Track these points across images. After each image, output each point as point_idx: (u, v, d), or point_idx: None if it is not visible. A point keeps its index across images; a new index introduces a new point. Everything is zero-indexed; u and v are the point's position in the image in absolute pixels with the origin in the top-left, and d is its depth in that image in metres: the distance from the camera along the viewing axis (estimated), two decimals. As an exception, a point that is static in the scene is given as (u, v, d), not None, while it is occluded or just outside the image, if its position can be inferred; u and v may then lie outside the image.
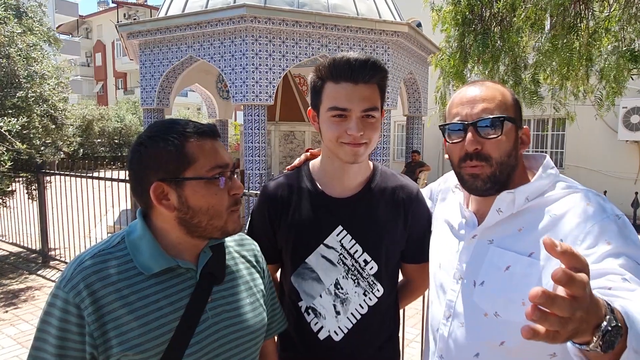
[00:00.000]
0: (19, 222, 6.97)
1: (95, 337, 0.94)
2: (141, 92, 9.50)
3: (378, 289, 1.37)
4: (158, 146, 1.00)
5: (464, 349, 1.17)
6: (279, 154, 9.97)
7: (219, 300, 1.10)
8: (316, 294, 1.36)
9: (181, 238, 1.06)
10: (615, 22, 3.42)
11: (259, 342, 1.19)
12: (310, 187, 1.39)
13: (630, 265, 0.91)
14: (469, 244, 1.21)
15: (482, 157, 1.13)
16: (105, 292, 0.96)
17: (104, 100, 37.54)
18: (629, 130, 10.88)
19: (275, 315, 1.32)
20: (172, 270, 1.04)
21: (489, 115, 1.12)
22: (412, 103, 11.32)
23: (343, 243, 1.34)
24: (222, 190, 1.04)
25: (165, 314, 1.00)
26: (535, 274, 1.05)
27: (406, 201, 1.40)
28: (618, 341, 0.65)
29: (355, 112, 1.23)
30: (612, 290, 0.84)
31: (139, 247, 1.03)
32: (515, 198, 1.12)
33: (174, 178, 1.00)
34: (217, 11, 8.02)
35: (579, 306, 0.58)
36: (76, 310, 0.94)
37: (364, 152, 1.27)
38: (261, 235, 1.42)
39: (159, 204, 1.01)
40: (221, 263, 1.14)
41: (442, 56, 4.04)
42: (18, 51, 5.97)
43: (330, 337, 1.36)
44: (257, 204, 1.45)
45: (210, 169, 1.02)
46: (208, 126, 1.07)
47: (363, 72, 1.22)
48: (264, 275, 1.27)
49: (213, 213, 1.03)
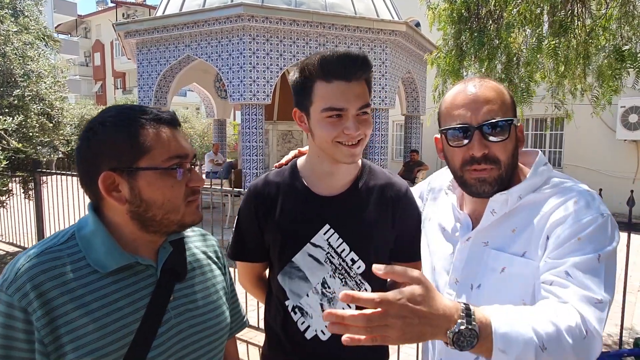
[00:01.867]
0: (16, 222, 6.95)
1: (46, 343, 0.84)
2: (139, 91, 9.49)
3: (366, 289, 1.35)
4: (109, 133, 0.92)
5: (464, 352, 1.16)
6: (277, 153, 9.95)
7: (181, 298, 1.03)
8: (303, 293, 1.34)
9: (135, 233, 0.98)
10: (612, 21, 3.41)
11: (224, 341, 1.14)
12: (297, 185, 1.37)
13: (586, 263, 0.96)
14: (463, 246, 1.19)
15: (490, 160, 1.10)
16: (56, 293, 0.86)
17: (102, 100, 37.50)
18: (627, 130, 10.89)
19: (236, 313, 1.26)
20: (130, 267, 0.96)
21: (494, 118, 1.09)
22: (410, 102, 11.30)
23: (330, 242, 1.33)
24: (180, 182, 0.96)
25: (125, 315, 0.92)
26: (530, 274, 1.05)
27: (394, 199, 1.38)
28: (475, 342, 0.78)
29: (352, 111, 1.20)
30: (552, 285, 0.96)
31: (92, 244, 0.94)
32: (509, 198, 1.11)
33: (127, 168, 0.92)
34: (215, 10, 8.01)
35: (385, 317, 0.72)
36: (22, 314, 0.84)
37: (360, 151, 1.26)
38: (249, 233, 1.41)
39: (108, 195, 0.93)
40: (182, 259, 1.07)
41: (439, 54, 4.03)
42: (14, 50, 5.95)
43: (317, 337, 1.34)
44: (244, 201, 1.43)
45: (167, 159, 0.94)
46: (167, 113, 0.99)
47: (355, 69, 1.20)
48: (225, 272, 1.21)
49: (169, 207, 0.95)
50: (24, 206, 6.72)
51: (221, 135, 13.73)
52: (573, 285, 0.94)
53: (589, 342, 0.88)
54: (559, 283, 0.95)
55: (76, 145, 0.98)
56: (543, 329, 0.84)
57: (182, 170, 0.96)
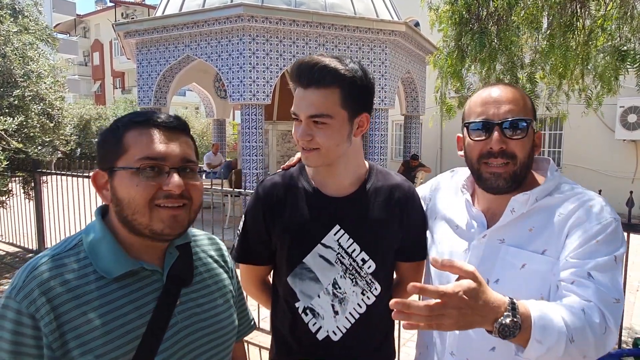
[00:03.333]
0: (16, 222, 6.94)
1: (54, 348, 0.86)
2: (138, 91, 9.48)
3: (376, 288, 1.36)
4: (105, 135, 0.99)
5: (479, 344, 1.20)
6: (277, 153, 9.97)
7: (187, 303, 1.04)
8: (314, 294, 1.35)
9: (129, 237, 0.98)
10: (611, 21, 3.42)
11: (231, 345, 1.14)
12: (306, 186, 1.38)
13: (605, 265, 1.06)
14: (479, 243, 1.24)
15: (507, 155, 1.17)
16: (63, 299, 0.89)
17: (101, 99, 37.45)
18: (626, 130, 10.91)
19: (243, 317, 1.28)
20: (136, 273, 0.97)
21: (515, 117, 1.17)
22: (409, 102, 11.32)
23: (341, 242, 1.34)
24: (145, 183, 0.93)
25: (131, 320, 0.93)
26: (549, 271, 1.12)
27: (402, 200, 1.40)
28: (517, 333, 0.89)
29: (303, 118, 1.24)
30: (573, 284, 1.05)
31: (99, 250, 0.96)
32: (530, 199, 1.18)
33: (108, 167, 0.96)
34: (214, 10, 8.01)
35: (444, 307, 0.83)
36: (31, 321, 0.86)
37: (317, 157, 1.27)
38: (255, 235, 1.41)
39: (99, 192, 0.99)
40: (188, 264, 1.08)
41: (440, 55, 4.04)
42: (14, 50, 5.95)
43: (329, 337, 1.35)
44: (251, 204, 1.43)
45: (138, 159, 0.93)
46: (160, 116, 0.99)
47: (309, 76, 1.21)
48: (232, 276, 1.22)
49: (134, 207, 0.93)
50: (24, 206, 6.72)
51: (221, 135, 13.73)
52: (594, 285, 1.03)
53: (607, 337, 0.99)
54: (581, 283, 1.04)
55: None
56: (572, 322, 0.95)
57: (152, 172, 0.94)
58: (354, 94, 1.25)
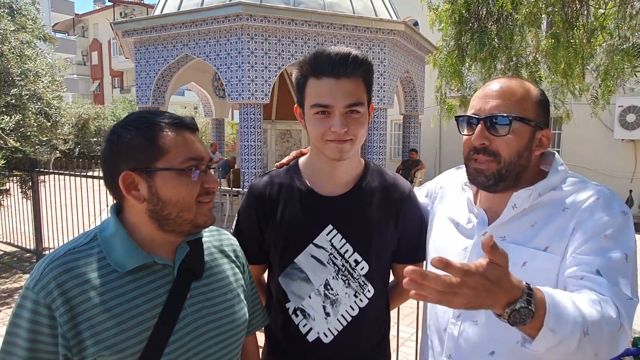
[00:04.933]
0: (13, 221, 6.92)
1: (69, 338, 0.91)
2: (137, 90, 9.46)
3: (369, 290, 1.33)
4: (130, 135, 0.99)
5: (477, 348, 1.16)
6: (275, 152, 9.95)
7: (198, 296, 1.07)
8: (305, 294, 1.32)
9: (154, 233, 1.04)
10: (611, 20, 3.41)
11: (241, 338, 1.16)
12: (299, 185, 1.35)
13: (615, 262, 1.01)
14: (480, 240, 1.19)
15: (489, 153, 1.14)
16: (77, 291, 0.93)
17: (100, 99, 37.39)
18: (625, 129, 10.93)
19: (256, 310, 1.29)
20: (147, 267, 1.02)
21: (500, 113, 1.12)
22: (408, 102, 11.31)
23: (333, 242, 1.31)
24: (195, 182, 1.02)
25: (142, 311, 0.97)
26: (553, 268, 1.08)
27: (398, 200, 1.37)
28: (528, 321, 0.83)
29: (339, 108, 1.19)
30: (582, 280, 1.00)
31: (113, 245, 1.00)
32: (532, 194, 1.14)
33: (145, 168, 0.98)
34: (213, 9, 7.99)
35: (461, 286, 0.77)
36: (47, 311, 0.91)
37: (350, 148, 1.24)
38: (248, 235, 1.39)
39: (127, 193, 0.99)
40: (199, 258, 1.11)
41: (440, 55, 4.03)
42: (11, 49, 5.93)
43: (320, 339, 1.33)
44: (245, 203, 1.41)
45: (183, 160, 1.00)
46: (185, 118, 1.05)
47: (344, 66, 1.19)
48: (244, 270, 1.24)
49: (182, 205, 1.01)
50: (22, 206, 6.70)
51: (219, 134, 13.72)
52: (606, 281, 0.98)
53: (620, 336, 0.94)
54: (591, 279, 0.99)
55: (101, 148, 1.06)
56: (590, 313, 0.90)
57: (198, 171, 1.02)
58: (371, 83, 1.28)
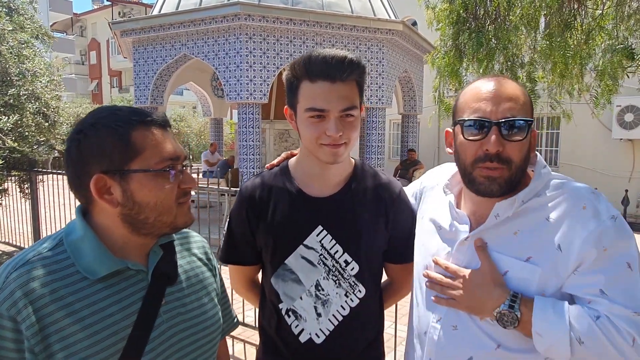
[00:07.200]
0: (12, 221, 6.91)
1: (37, 352, 0.83)
2: (135, 90, 9.45)
3: (360, 290, 1.33)
4: (101, 135, 0.90)
5: (456, 353, 1.15)
6: (274, 152, 9.95)
7: (173, 302, 1.02)
8: (296, 295, 1.33)
9: (126, 237, 0.96)
10: (609, 21, 3.42)
11: (217, 343, 1.13)
12: (289, 187, 1.35)
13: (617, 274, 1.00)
14: (462, 246, 1.17)
15: (502, 160, 1.06)
16: (45, 301, 0.85)
17: (98, 98, 37.32)
18: (623, 129, 10.94)
19: (227, 314, 1.26)
20: (120, 273, 0.95)
21: (515, 116, 1.05)
22: (407, 101, 11.30)
23: (323, 243, 1.31)
24: (172, 184, 0.95)
25: (116, 321, 0.91)
26: (533, 279, 1.05)
27: (388, 200, 1.37)
28: (517, 323, 1.02)
29: (334, 113, 1.18)
30: (590, 303, 1.01)
31: (81, 249, 0.92)
32: (515, 202, 1.09)
33: (119, 170, 0.90)
34: (211, 9, 7.98)
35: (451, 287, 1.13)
36: (12, 324, 0.82)
37: (344, 152, 1.24)
38: (240, 236, 1.39)
39: (100, 198, 0.91)
40: (173, 262, 1.05)
41: (438, 54, 4.04)
42: (9, 49, 5.91)
43: (312, 340, 1.33)
44: (236, 204, 1.41)
45: (159, 160, 0.93)
46: (157, 114, 0.98)
47: (340, 69, 1.17)
48: (215, 273, 1.20)
49: (162, 208, 0.94)
50: (20, 206, 6.69)
51: (218, 134, 13.70)
52: (606, 302, 0.99)
53: (638, 350, 0.96)
54: (596, 302, 1.00)
55: (65, 147, 0.96)
56: (580, 324, 0.98)
57: (174, 172, 0.95)
58: (363, 85, 1.27)
